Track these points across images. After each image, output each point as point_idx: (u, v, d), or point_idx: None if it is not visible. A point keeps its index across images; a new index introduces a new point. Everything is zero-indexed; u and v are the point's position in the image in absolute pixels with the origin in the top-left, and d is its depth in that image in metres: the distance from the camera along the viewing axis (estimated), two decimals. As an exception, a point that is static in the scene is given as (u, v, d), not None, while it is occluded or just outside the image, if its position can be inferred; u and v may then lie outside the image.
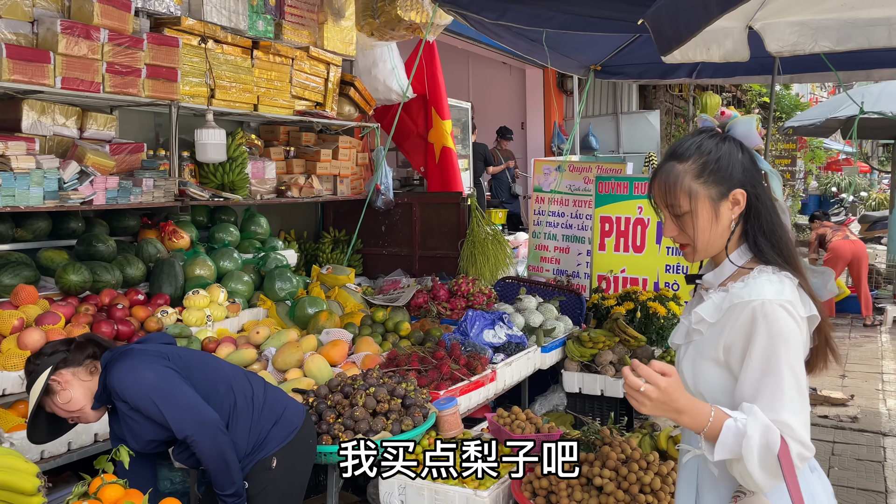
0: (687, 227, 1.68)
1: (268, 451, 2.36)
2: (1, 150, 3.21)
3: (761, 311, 1.54)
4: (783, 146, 12.61)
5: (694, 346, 1.69)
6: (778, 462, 1.46)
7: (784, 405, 1.50)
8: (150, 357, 2.29)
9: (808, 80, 5.83)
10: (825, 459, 4.79)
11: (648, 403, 1.51)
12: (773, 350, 1.52)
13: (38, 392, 2.22)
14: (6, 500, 1.44)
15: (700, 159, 1.66)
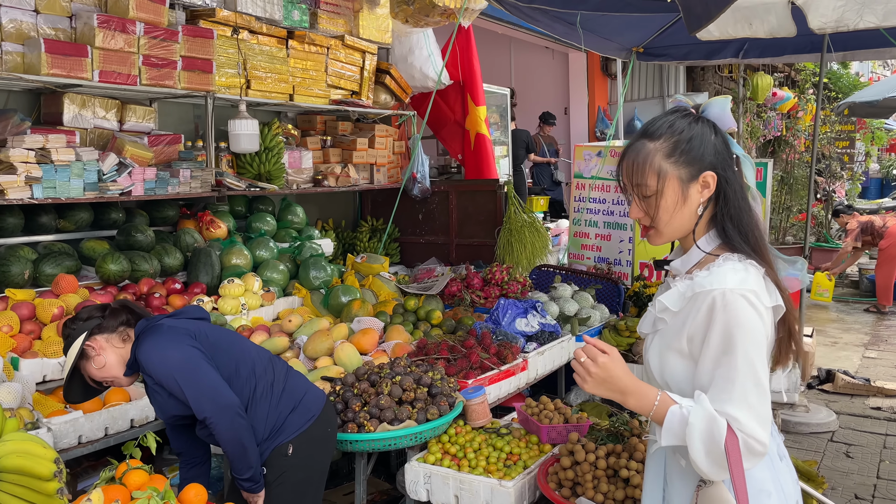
0: (652, 207, 1.62)
1: (284, 438, 2.37)
2: (42, 143, 3.30)
3: (721, 301, 1.51)
4: (840, 127, 12.11)
5: (659, 336, 1.66)
6: (724, 453, 1.44)
7: (733, 396, 1.47)
8: (178, 335, 2.31)
9: (862, 57, 5.56)
10: (876, 453, 4.60)
11: (589, 379, 1.53)
12: (730, 340, 1.49)
13: (74, 357, 2.29)
14: (23, 484, 1.48)
15: (672, 138, 1.61)
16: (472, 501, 2.52)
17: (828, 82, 13.41)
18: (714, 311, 1.51)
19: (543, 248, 5.33)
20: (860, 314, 8.75)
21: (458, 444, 2.72)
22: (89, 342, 2.32)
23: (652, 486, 1.73)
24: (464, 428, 2.82)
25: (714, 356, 1.51)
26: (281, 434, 2.38)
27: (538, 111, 9.91)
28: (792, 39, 4.50)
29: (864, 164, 16.25)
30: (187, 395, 2.21)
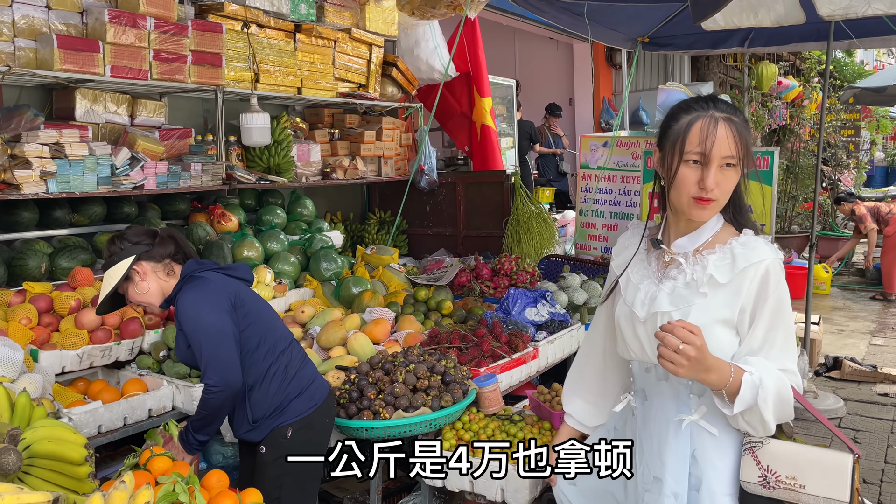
0: (731, 178, 1.66)
1: (285, 420, 2.41)
2: (56, 137, 3.33)
3: (773, 269, 1.64)
4: (845, 116, 12.10)
5: (699, 310, 1.68)
6: (790, 407, 1.61)
7: (787, 353, 1.64)
8: (219, 297, 2.33)
9: (869, 45, 5.56)
10: (884, 438, 4.64)
11: (686, 364, 1.54)
12: (783, 303, 1.64)
13: (119, 278, 2.33)
14: (56, 469, 1.52)
15: (739, 115, 1.69)
16: (487, 487, 2.56)
17: (832, 70, 13.37)
18: (769, 279, 1.64)
19: (551, 238, 5.36)
20: (866, 302, 8.77)
21: (471, 430, 2.76)
22: (136, 266, 2.35)
23: (677, 465, 1.74)
24: (477, 415, 2.86)
25: (769, 320, 1.63)
26: (283, 416, 2.42)
27: (543, 102, 9.92)
28: (798, 28, 4.51)
29: (869, 152, 16.22)
30: (202, 357, 2.25)
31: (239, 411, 2.43)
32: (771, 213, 5.28)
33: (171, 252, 2.42)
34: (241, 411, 2.43)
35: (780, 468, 1.60)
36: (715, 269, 1.68)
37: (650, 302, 1.76)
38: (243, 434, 2.46)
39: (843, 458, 1.57)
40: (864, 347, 6.74)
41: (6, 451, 1.44)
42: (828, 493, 1.55)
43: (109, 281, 2.34)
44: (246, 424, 2.43)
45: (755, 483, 1.62)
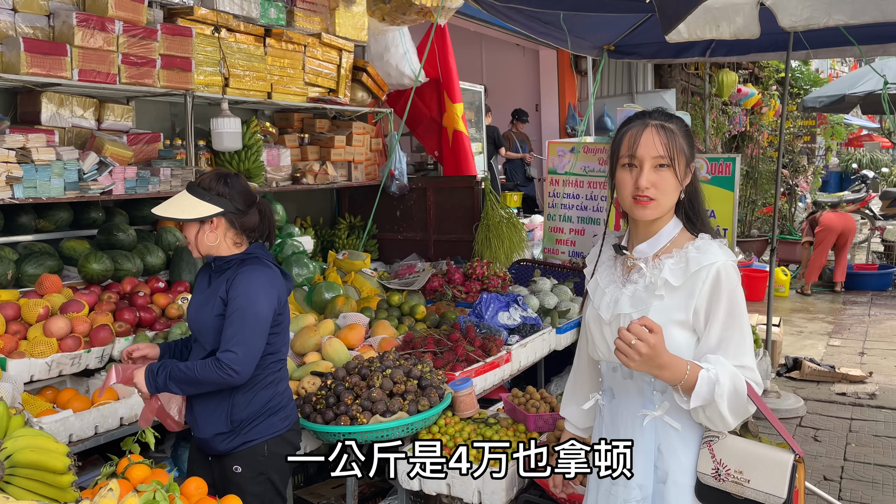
0: (666, 179, 1.78)
1: (260, 436, 2.41)
2: (22, 142, 3.28)
3: (724, 271, 1.73)
4: (802, 123, 12.45)
5: (655, 312, 1.78)
6: (745, 403, 1.66)
7: (744, 350, 1.71)
8: (275, 295, 2.38)
9: (825, 55, 5.75)
10: (842, 436, 4.79)
11: (637, 359, 1.64)
12: (735, 303, 1.72)
13: (195, 215, 2.32)
14: (38, 478, 1.51)
15: (680, 124, 1.83)
16: (464, 489, 2.59)
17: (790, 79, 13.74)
18: (720, 280, 1.72)
19: (521, 242, 5.42)
20: (823, 304, 9.03)
21: (447, 434, 2.79)
22: (217, 218, 2.35)
23: (643, 458, 1.83)
24: (452, 419, 2.89)
25: (724, 319, 1.71)
26: (259, 429, 2.41)
27: (510, 108, 10.01)
28: (757, 39, 4.64)
29: (824, 158, 16.69)
30: (236, 335, 2.25)
31: (217, 407, 2.39)
32: (733, 217, 5.41)
33: (253, 226, 2.44)
34: (220, 408, 2.38)
35: (731, 462, 1.69)
36: (669, 273, 1.78)
37: (614, 304, 1.87)
38: (212, 438, 2.40)
39: (785, 457, 1.66)
40: (822, 348, 6.95)
41: (-13, 462, 1.43)
42: (768, 489, 1.65)
43: (187, 209, 2.34)
44: (222, 424, 2.38)
45: (708, 475, 1.72)
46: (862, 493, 3.96)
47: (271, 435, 2.43)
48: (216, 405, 2.39)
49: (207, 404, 2.40)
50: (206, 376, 2.25)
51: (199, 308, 2.41)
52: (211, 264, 2.45)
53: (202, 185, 2.39)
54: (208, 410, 2.40)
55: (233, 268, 2.38)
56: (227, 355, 2.25)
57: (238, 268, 2.36)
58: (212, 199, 2.35)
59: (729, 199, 5.42)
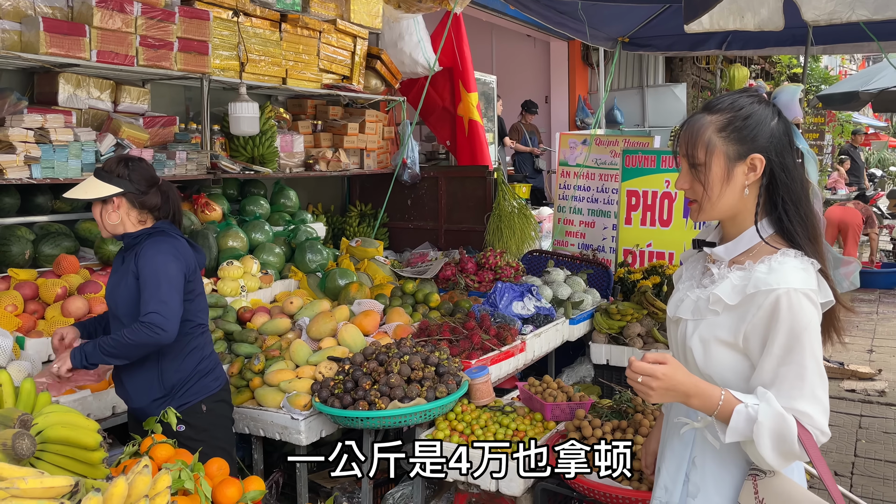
0: (699, 180, 1.61)
1: (196, 396, 2.55)
2: (41, 122, 3.27)
3: (786, 301, 1.50)
4: (812, 120, 12.39)
5: (707, 326, 1.63)
6: (797, 446, 1.47)
7: (804, 394, 1.49)
8: (184, 260, 2.50)
9: (842, 51, 5.72)
10: (852, 432, 4.79)
11: (653, 393, 1.52)
12: (798, 339, 1.49)
13: (96, 196, 2.45)
14: (69, 454, 1.51)
15: (728, 114, 1.60)
16: (482, 477, 2.58)
17: (799, 74, 13.69)
18: (779, 310, 1.50)
19: (532, 234, 5.41)
20: (831, 301, 9.01)
21: (464, 421, 2.79)
22: (118, 199, 2.47)
23: (675, 463, 1.76)
24: (469, 406, 2.89)
25: (780, 354, 1.51)
26: (193, 390, 2.55)
27: (519, 99, 9.98)
28: (775, 32, 4.62)
29: (832, 155, 16.65)
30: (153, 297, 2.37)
31: (146, 374, 2.51)
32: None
33: (156, 206, 2.55)
34: (149, 376, 2.51)
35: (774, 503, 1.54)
36: (729, 289, 1.59)
37: (679, 304, 1.74)
38: (149, 405, 2.51)
39: None
40: (830, 345, 6.93)
41: (20, 437, 1.43)
42: None
43: (89, 190, 2.47)
44: (156, 390, 2.52)
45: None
46: (873, 490, 3.97)
47: (206, 395, 2.59)
48: (145, 374, 2.52)
49: (136, 375, 2.53)
50: (135, 339, 2.37)
51: (115, 285, 2.53)
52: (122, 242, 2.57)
53: (105, 168, 2.52)
54: (138, 381, 2.53)
55: (140, 243, 2.51)
56: (149, 316, 2.37)
57: (144, 242, 2.50)
58: (112, 180, 2.48)
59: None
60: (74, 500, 1.31)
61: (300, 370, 3.02)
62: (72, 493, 1.33)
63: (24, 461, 1.44)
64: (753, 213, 1.62)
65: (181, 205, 2.70)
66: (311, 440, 2.84)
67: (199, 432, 2.53)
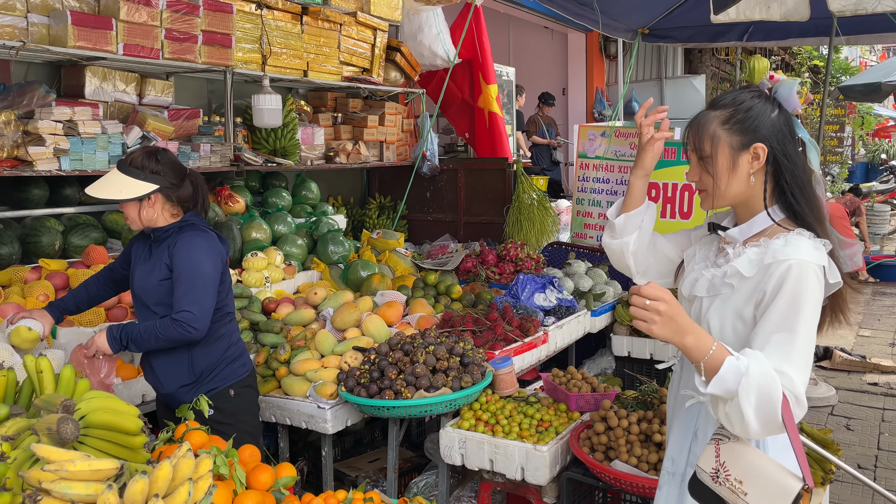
0: (707, 171, 1.72)
1: (224, 382, 2.59)
2: (69, 115, 3.31)
3: (797, 269, 1.57)
4: (832, 111, 12.25)
5: (722, 300, 1.70)
6: (779, 413, 1.47)
7: (790, 358, 1.52)
8: (218, 254, 2.53)
9: (866, 41, 5.66)
10: (875, 426, 4.76)
11: (658, 319, 1.51)
12: (798, 306, 1.55)
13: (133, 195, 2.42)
14: (111, 439, 1.54)
15: (731, 108, 1.71)
16: (507, 465, 2.61)
17: (819, 66, 13.54)
18: (787, 278, 1.57)
19: (552, 226, 5.41)
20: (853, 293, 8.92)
21: (489, 411, 2.80)
22: (154, 195, 2.45)
23: (681, 436, 1.83)
24: (493, 396, 2.91)
25: (778, 319, 1.56)
26: (222, 376, 2.59)
27: (537, 91, 9.94)
28: (798, 23, 4.58)
29: (852, 148, 16.46)
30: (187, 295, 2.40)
31: (177, 361, 2.54)
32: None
33: (188, 197, 2.56)
34: (180, 362, 2.54)
35: (734, 469, 1.56)
36: (746, 262, 1.66)
37: (693, 284, 1.80)
38: (177, 391, 2.55)
39: (792, 484, 1.51)
40: (852, 338, 6.89)
41: (64, 421, 1.46)
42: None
43: (124, 190, 2.43)
44: (185, 377, 2.55)
45: (707, 473, 1.59)
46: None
47: (234, 380, 2.62)
48: (175, 360, 2.54)
49: (167, 362, 2.55)
50: (167, 335, 2.39)
51: (146, 276, 2.53)
52: (150, 235, 2.56)
53: (134, 164, 2.47)
54: (169, 366, 2.56)
55: (171, 236, 2.51)
56: (183, 314, 2.38)
57: (177, 235, 2.50)
58: (146, 176, 2.44)
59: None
60: (120, 483, 1.34)
61: (326, 360, 3.05)
62: (117, 476, 1.36)
63: (67, 445, 1.47)
64: (762, 199, 1.72)
65: (208, 194, 2.72)
66: (337, 429, 2.87)
67: (227, 416, 2.58)
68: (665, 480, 1.89)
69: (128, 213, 2.51)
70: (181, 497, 1.35)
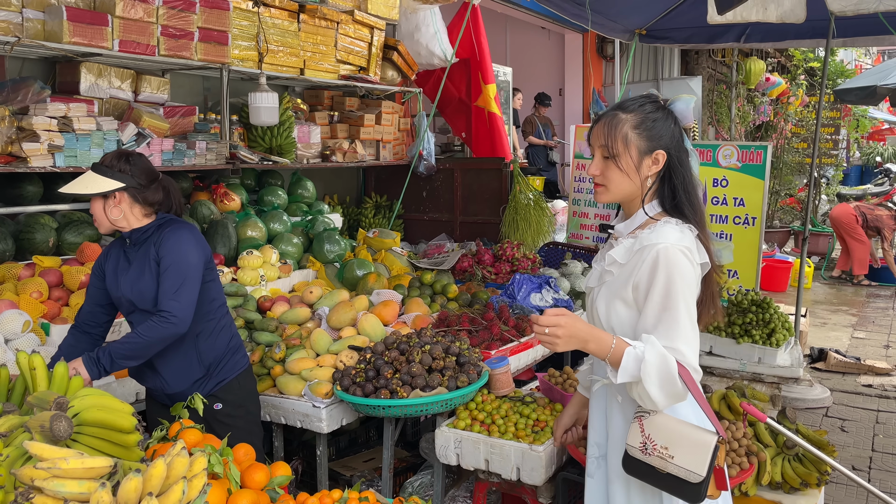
0: (611, 168, 1.89)
1: (230, 373, 2.63)
2: (64, 111, 3.29)
3: (664, 254, 1.78)
4: (827, 114, 12.27)
5: (606, 287, 1.91)
6: (679, 383, 1.71)
7: (679, 335, 1.75)
8: (203, 247, 2.56)
9: (862, 44, 5.67)
10: (869, 427, 4.77)
11: (559, 340, 1.76)
12: (672, 287, 1.76)
13: (98, 190, 2.41)
14: (105, 437, 1.52)
15: (640, 115, 1.89)
16: (503, 465, 2.60)
17: (815, 68, 13.57)
18: (658, 263, 1.78)
19: (548, 226, 5.41)
20: (846, 296, 8.97)
21: (485, 411, 2.79)
22: (119, 193, 2.45)
23: (598, 420, 2.04)
24: (489, 396, 2.89)
25: (660, 301, 1.77)
26: (227, 367, 2.62)
27: (533, 91, 9.94)
28: (795, 24, 4.58)
29: (847, 151, 16.51)
30: (171, 288, 2.40)
31: (184, 358, 2.54)
32: (763, 206, 5.36)
33: (157, 201, 2.54)
34: (188, 357, 2.55)
35: (658, 438, 1.76)
36: (621, 250, 1.88)
37: (589, 277, 2.06)
38: (189, 387, 2.53)
39: (708, 438, 1.74)
40: (846, 340, 6.91)
41: (57, 419, 1.44)
42: (689, 466, 1.72)
43: (90, 185, 2.42)
44: (197, 370, 2.55)
45: (636, 448, 1.79)
46: (891, 484, 3.95)
47: (238, 371, 2.66)
48: (183, 358, 2.55)
49: (174, 361, 2.54)
50: (151, 335, 2.38)
51: (135, 281, 2.50)
52: (126, 239, 2.54)
53: (105, 163, 2.48)
54: (177, 365, 2.56)
55: (152, 234, 2.51)
56: (169, 304, 2.39)
57: (159, 232, 2.50)
58: (114, 175, 2.45)
59: (759, 187, 5.36)
60: (113, 481, 1.32)
61: (321, 359, 3.04)
62: (110, 475, 1.35)
63: (60, 443, 1.46)
64: (650, 197, 1.92)
65: (182, 200, 2.71)
66: (332, 428, 2.86)
67: (236, 408, 2.61)
68: (594, 466, 2.05)
69: (94, 210, 2.49)
70: (175, 496, 1.34)
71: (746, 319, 4.06)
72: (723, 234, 5.46)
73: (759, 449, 2.69)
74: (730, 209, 5.42)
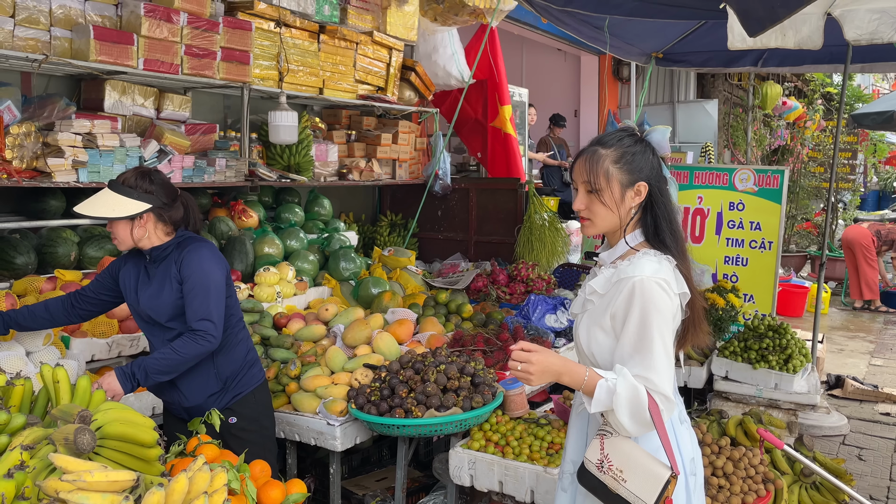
0: (595, 202, 1.93)
1: (246, 387, 2.65)
2: (88, 128, 3.35)
3: (640, 287, 1.82)
4: (844, 139, 12.24)
5: (588, 315, 1.97)
6: (648, 414, 1.76)
7: (652, 365, 1.79)
8: (224, 264, 2.61)
9: (880, 69, 5.68)
10: (887, 456, 4.70)
11: (533, 376, 1.82)
12: (647, 319, 1.81)
13: (126, 213, 2.42)
14: (126, 451, 1.54)
15: (620, 149, 1.93)
16: (517, 487, 2.59)
17: (833, 93, 13.55)
18: (633, 295, 1.83)
19: (563, 247, 5.41)
20: (863, 322, 8.87)
21: (499, 432, 2.79)
22: (146, 214, 2.46)
23: (576, 438, 2.07)
24: (503, 418, 2.89)
25: (635, 332, 1.82)
26: (244, 381, 2.64)
27: (549, 112, 9.99)
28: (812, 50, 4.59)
29: (864, 175, 16.41)
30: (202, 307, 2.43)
31: (202, 372, 2.56)
32: (779, 230, 5.35)
33: (179, 219, 2.57)
34: (205, 373, 2.56)
35: (615, 459, 1.81)
36: (601, 280, 1.94)
37: (574, 304, 2.10)
38: (205, 401, 2.56)
39: (662, 472, 1.79)
40: (864, 367, 6.83)
41: (81, 431, 1.46)
42: (639, 493, 1.77)
43: (117, 208, 2.42)
44: (214, 384, 2.58)
45: (593, 463, 1.84)
46: (909, 515, 3.90)
47: (254, 385, 2.68)
48: (201, 372, 2.56)
49: (192, 375, 2.55)
50: (188, 352, 2.41)
51: (155, 296, 2.52)
52: (146, 256, 2.56)
53: (127, 183, 2.47)
54: (195, 380, 2.57)
55: (173, 251, 2.52)
56: (203, 324, 2.42)
57: (180, 250, 2.52)
58: (139, 196, 2.45)
59: (776, 211, 5.35)
60: (135, 495, 1.34)
61: (336, 376, 3.05)
62: (132, 488, 1.36)
63: (83, 456, 1.47)
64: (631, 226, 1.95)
65: (200, 216, 2.73)
66: (347, 446, 2.86)
67: (251, 422, 2.63)
68: (568, 482, 2.07)
69: (117, 232, 2.49)
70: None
71: (763, 345, 4.03)
72: (739, 257, 5.45)
73: (776, 476, 2.66)
74: (746, 233, 5.41)
